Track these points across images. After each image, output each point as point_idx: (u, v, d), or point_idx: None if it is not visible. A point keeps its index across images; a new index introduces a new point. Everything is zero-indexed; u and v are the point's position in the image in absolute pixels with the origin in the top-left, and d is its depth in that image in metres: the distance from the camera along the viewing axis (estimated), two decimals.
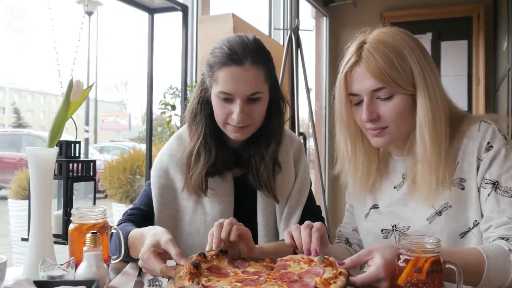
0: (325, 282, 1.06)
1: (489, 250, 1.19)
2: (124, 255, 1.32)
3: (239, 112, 1.42)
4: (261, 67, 1.45)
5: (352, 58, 1.32)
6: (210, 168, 1.51)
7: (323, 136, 5.11)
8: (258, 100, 1.45)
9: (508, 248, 1.18)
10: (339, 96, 1.39)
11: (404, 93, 1.29)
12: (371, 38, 1.33)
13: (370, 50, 1.29)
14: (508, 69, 3.57)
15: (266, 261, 1.26)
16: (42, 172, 1.21)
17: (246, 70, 1.42)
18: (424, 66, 1.30)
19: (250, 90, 1.43)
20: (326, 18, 5.16)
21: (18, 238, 4.41)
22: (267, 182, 1.53)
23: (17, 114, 21.98)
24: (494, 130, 1.29)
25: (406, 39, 1.32)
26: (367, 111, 1.31)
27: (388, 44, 1.29)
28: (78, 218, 1.23)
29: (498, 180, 1.26)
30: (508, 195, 1.24)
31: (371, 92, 1.30)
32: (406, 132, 1.34)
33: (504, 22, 4.02)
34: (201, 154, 1.52)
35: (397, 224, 1.41)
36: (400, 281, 0.99)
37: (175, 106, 3.09)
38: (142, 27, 2.86)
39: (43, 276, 1.06)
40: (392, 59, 1.27)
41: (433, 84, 1.29)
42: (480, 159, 1.28)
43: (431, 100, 1.28)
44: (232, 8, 3.24)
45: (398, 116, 1.30)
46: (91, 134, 14.75)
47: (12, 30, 2.11)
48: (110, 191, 4.58)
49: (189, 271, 1.08)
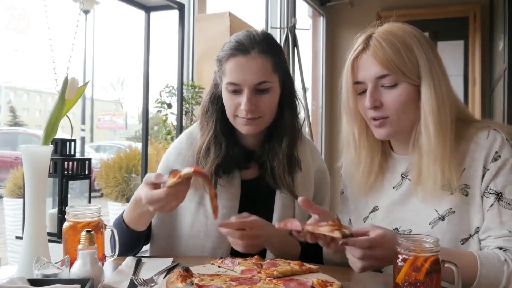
0: (322, 284, 1.06)
1: (484, 257, 1.18)
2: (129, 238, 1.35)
3: (246, 101, 1.41)
4: (269, 57, 1.44)
5: (360, 46, 1.34)
6: (220, 165, 1.48)
7: (319, 136, 5.11)
8: (266, 91, 1.44)
9: (504, 258, 1.18)
10: (345, 85, 1.39)
11: (409, 83, 1.29)
12: (380, 29, 1.35)
13: (378, 38, 1.31)
14: (504, 69, 3.58)
15: (255, 259, 1.26)
16: (37, 170, 1.20)
17: (252, 58, 1.42)
18: (431, 60, 1.31)
19: (257, 79, 1.42)
20: (323, 17, 5.16)
21: (13, 237, 4.39)
22: (283, 179, 1.50)
23: (13, 113, 21.91)
24: (503, 139, 1.27)
25: (415, 33, 1.33)
26: (371, 98, 1.30)
27: (397, 35, 1.31)
28: (73, 216, 1.22)
29: (502, 191, 1.25)
30: (510, 207, 1.23)
31: (375, 79, 1.30)
32: (408, 124, 1.33)
33: (500, 23, 4.02)
34: (210, 149, 1.49)
35: (398, 228, 1.39)
36: (398, 280, 0.98)
37: (171, 104, 3.09)
38: (138, 25, 2.85)
39: (37, 274, 1.05)
40: (399, 48, 1.29)
41: (439, 77, 1.30)
42: (486, 168, 1.27)
43: (436, 92, 1.28)
44: (228, 7, 3.23)
45: (401, 106, 1.30)
46: (88, 133, 14.71)
47: (12, 30, 2.10)
48: (105, 189, 4.58)
49: (180, 274, 1.08)
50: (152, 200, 1.21)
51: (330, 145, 5.12)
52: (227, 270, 1.21)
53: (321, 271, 1.22)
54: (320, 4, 5.04)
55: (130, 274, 1.20)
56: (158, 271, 1.22)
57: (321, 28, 5.18)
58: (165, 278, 1.15)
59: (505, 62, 3.54)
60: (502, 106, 3.68)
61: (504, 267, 1.17)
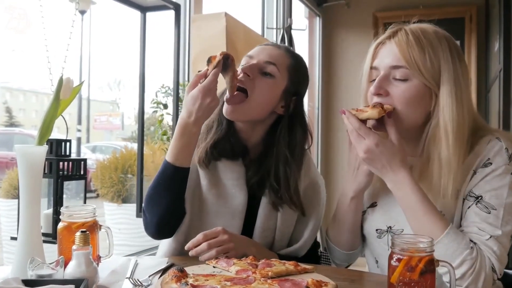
0: (316, 284, 1.06)
1: (455, 232, 1.19)
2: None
3: (248, 65, 1.46)
4: (291, 58, 1.52)
5: (387, 33, 1.34)
6: (217, 143, 1.50)
7: (316, 137, 5.10)
8: (268, 75, 1.47)
9: (471, 246, 1.18)
10: (365, 70, 1.39)
11: (422, 82, 1.27)
12: (413, 24, 1.35)
13: (407, 31, 1.31)
14: (500, 70, 3.58)
15: (250, 259, 1.26)
16: (31, 170, 1.20)
17: (270, 46, 1.52)
18: (457, 69, 1.29)
19: (266, 57, 1.47)
20: (319, 18, 5.16)
21: (8, 238, 4.38)
22: (292, 193, 1.49)
23: (8, 113, 21.79)
24: (501, 148, 1.26)
25: (448, 39, 1.32)
26: (377, 84, 1.30)
27: (427, 33, 1.31)
28: (68, 217, 1.22)
29: (482, 195, 1.24)
30: (486, 211, 1.22)
31: (389, 68, 1.30)
32: (410, 123, 1.31)
33: (495, 24, 4.03)
34: (213, 127, 1.53)
35: (392, 226, 1.39)
36: (392, 280, 0.98)
37: (167, 105, 3.09)
38: (134, 26, 2.85)
39: (31, 275, 1.05)
40: (425, 45, 1.28)
41: (461, 88, 1.28)
42: (475, 172, 1.26)
43: (457, 101, 1.26)
44: (225, 7, 3.23)
45: (407, 101, 1.28)
46: (84, 134, 14.66)
47: (12, 30, 2.10)
48: (101, 190, 4.56)
49: (174, 274, 1.08)
50: (207, 89, 1.34)
51: (326, 146, 5.12)
52: (222, 270, 1.21)
53: (316, 271, 1.22)
54: (316, 4, 5.04)
55: (125, 275, 1.20)
56: (153, 272, 1.22)
57: (318, 28, 5.18)
58: (159, 278, 1.15)
59: (501, 63, 3.54)
60: (498, 107, 3.69)
61: (466, 251, 1.17)
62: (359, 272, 1.32)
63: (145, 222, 1.49)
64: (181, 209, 1.47)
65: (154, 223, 1.46)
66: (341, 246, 1.49)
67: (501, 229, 1.21)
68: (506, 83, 3.45)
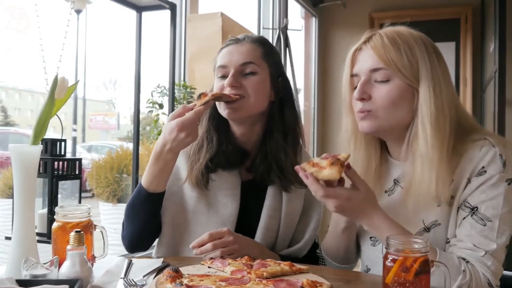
0: (311, 284, 1.06)
1: (444, 257, 1.18)
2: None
3: (230, 77, 1.44)
4: (259, 46, 1.50)
5: (362, 39, 1.34)
6: (210, 161, 1.49)
7: (312, 137, 5.11)
8: (252, 74, 1.46)
9: (463, 269, 1.17)
10: (344, 78, 1.39)
11: (403, 81, 1.27)
12: (388, 28, 1.35)
13: (382, 34, 1.31)
14: (495, 71, 3.59)
15: (245, 259, 1.26)
16: (26, 169, 1.19)
17: (241, 44, 1.50)
18: (434, 65, 1.28)
19: (243, 59, 1.46)
20: (315, 18, 5.17)
21: (2, 237, 4.36)
22: (291, 174, 1.46)
23: (4, 113, 21.74)
24: (495, 155, 1.24)
25: (422, 38, 1.32)
26: (360, 90, 1.29)
27: (401, 35, 1.31)
28: (62, 217, 1.21)
29: (478, 206, 1.23)
30: (482, 223, 1.22)
31: (369, 72, 1.29)
32: (396, 123, 1.30)
33: (491, 25, 4.04)
34: (203, 146, 1.52)
35: None
36: (387, 280, 0.99)
37: (162, 104, 3.08)
38: (130, 25, 2.84)
39: (25, 275, 1.04)
40: (400, 45, 1.28)
41: (440, 82, 1.27)
42: (470, 181, 1.25)
43: (436, 95, 1.26)
44: (220, 7, 3.23)
45: (390, 102, 1.28)
46: (79, 133, 14.62)
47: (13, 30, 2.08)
48: (97, 190, 4.54)
49: (169, 275, 1.08)
50: (185, 124, 1.32)
51: (322, 146, 5.12)
52: (217, 271, 1.21)
53: (311, 272, 1.22)
54: (312, 5, 5.05)
55: (120, 275, 1.20)
56: (148, 272, 1.21)
57: (314, 29, 5.19)
58: (154, 278, 1.14)
59: (496, 64, 3.55)
60: (493, 107, 3.70)
61: (459, 276, 1.16)
62: (354, 273, 1.32)
63: (122, 236, 1.55)
64: (155, 226, 1.52)
65: (127, 239, 1.53)
66: (337, 261, 1.49)
67: (496, 242, 1.20)
68: (501, 83, 3.46)
